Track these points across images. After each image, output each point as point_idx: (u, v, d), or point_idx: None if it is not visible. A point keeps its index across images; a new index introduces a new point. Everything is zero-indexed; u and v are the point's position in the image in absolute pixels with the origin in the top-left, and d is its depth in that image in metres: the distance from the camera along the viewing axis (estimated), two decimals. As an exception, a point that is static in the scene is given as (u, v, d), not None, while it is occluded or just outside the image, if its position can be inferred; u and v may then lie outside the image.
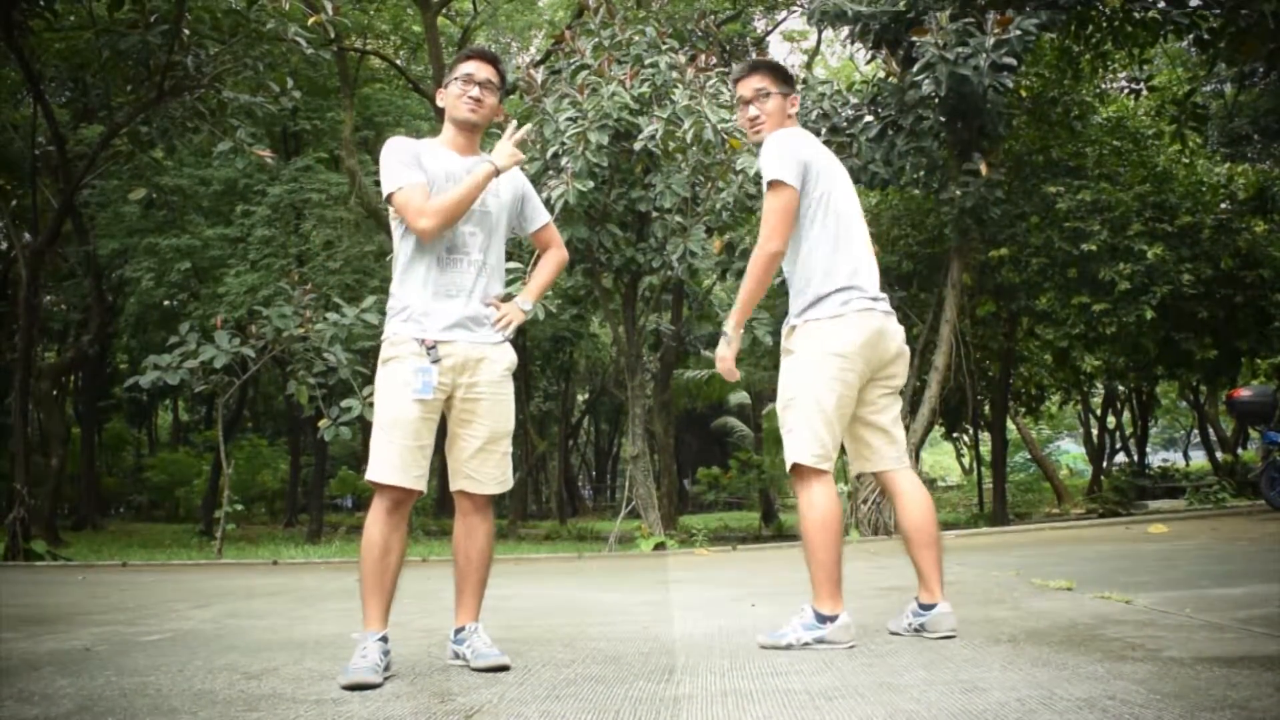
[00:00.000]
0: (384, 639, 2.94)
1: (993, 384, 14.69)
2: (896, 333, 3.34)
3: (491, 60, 3.20)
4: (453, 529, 3.21)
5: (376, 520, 2.99)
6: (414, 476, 3.00)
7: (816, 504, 3.17)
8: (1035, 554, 6.59)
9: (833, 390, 3.20)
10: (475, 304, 3.11)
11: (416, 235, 3.03)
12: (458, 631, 3.11)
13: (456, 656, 3.10)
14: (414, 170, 3.05)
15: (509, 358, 3.19)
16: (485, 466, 3.12)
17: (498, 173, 3.07)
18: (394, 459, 2.98)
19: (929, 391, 10.59)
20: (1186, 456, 34.98)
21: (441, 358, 3.02)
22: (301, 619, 4.51)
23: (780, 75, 3.46)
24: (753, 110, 3.40)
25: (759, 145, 3.39)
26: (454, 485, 3.13)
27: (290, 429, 22.49)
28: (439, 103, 3.24)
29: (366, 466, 3.05)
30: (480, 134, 3.25)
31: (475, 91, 3.13)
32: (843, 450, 3.44)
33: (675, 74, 9.61)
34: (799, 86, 10.39)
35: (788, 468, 3.25)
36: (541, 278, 3.43)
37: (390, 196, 3.05)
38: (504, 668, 2.95)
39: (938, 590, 3.24)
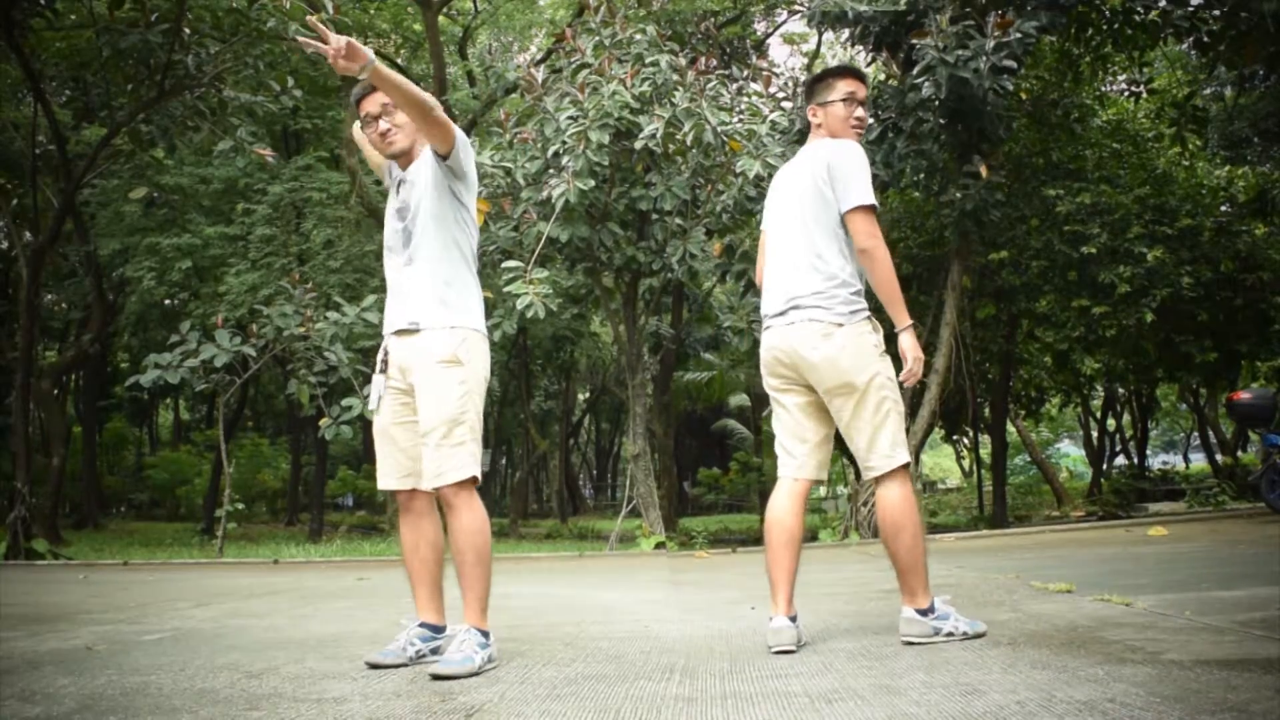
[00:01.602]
0: (425, 625, 3.20)
1: (993, 386, 14.70)
2: (804, 340, 3.26)
3: (371, 88, 3.13)
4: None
5: (400, 522, 3.27)
6: (398, 479, 3.19)
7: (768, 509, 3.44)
8: (1035, 556, 6.59)
9: (773, 408, 3.50)
10: (412, 302, 3.14)
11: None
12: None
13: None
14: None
15: (442, 350, 3.07)
16: (424, 460, 3.07)
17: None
18: (380, 467, 3.23)
19: (929, 394, 10.59)
20: (1186, 459, 34.96)
21: (389, 365, 3.19)
22: (303, 618, 4.51)
23: (805, 93, 3.61)
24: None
25: None
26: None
27: (291, 428, 22.49)
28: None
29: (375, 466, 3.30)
30: (411, 151, 3.25)
31: (382, 125, 3.18)
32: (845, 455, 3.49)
33: (676, 76, 9.62)
34: (798, 89, 10.46)
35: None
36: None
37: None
38: (447, 678, 2.85)
39: (919, 594, 3.21)
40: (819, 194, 3.30)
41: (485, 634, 3.03)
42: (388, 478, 3.20)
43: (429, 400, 3.03)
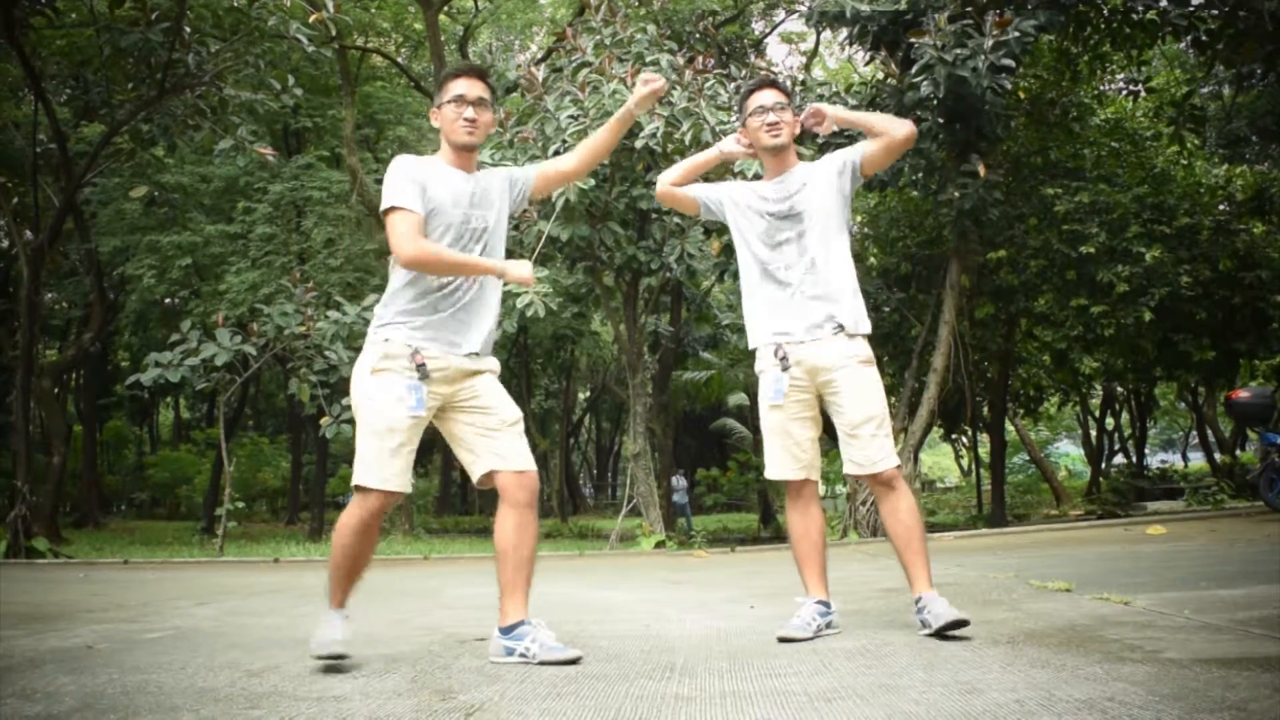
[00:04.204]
0: (346, 615, 3.12)
1: (991, 385, 14.71)
2: None
3: (480, 75, 3.23)
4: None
5: (360, 522, 3.06)
6: (407, 480, 3.11)
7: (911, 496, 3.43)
8: (1034, 555, 6.60)
9: None
10: (486, 328, 3.19)
11: (394, 257, 3.05)
12: (521, 624, 3.08)
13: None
14: (417, 195, 3.06)
15: (495, 366, 3.25)
16: (504, 443, 3.13)
17: (501, 275, 3.12)
18: (389, 465, 3.04)
19: (928, 393, 10.60)
20: (1185, 458, 34.98)
21: (430, 373, 3.05)
22: (303, 616, 4.51)
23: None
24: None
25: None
26: (483, 469, 3.11)
27: (291, 427, 22.50)
28: (433, 123, 3.27)
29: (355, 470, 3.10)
30: (478, 150, 3.31)
31: (469, 112, 3.16)
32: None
33: (675, 75, 9.63)
34: (798, 89, 10.47)
35: (889, 469, 3.34)
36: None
37: (388, 211, 3.05)
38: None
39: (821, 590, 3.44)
40: None
41: None
42: (399, 477, 3.09)
43: (503, 398, 3.18)
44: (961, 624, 3.10)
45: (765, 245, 3.43)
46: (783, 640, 3.24)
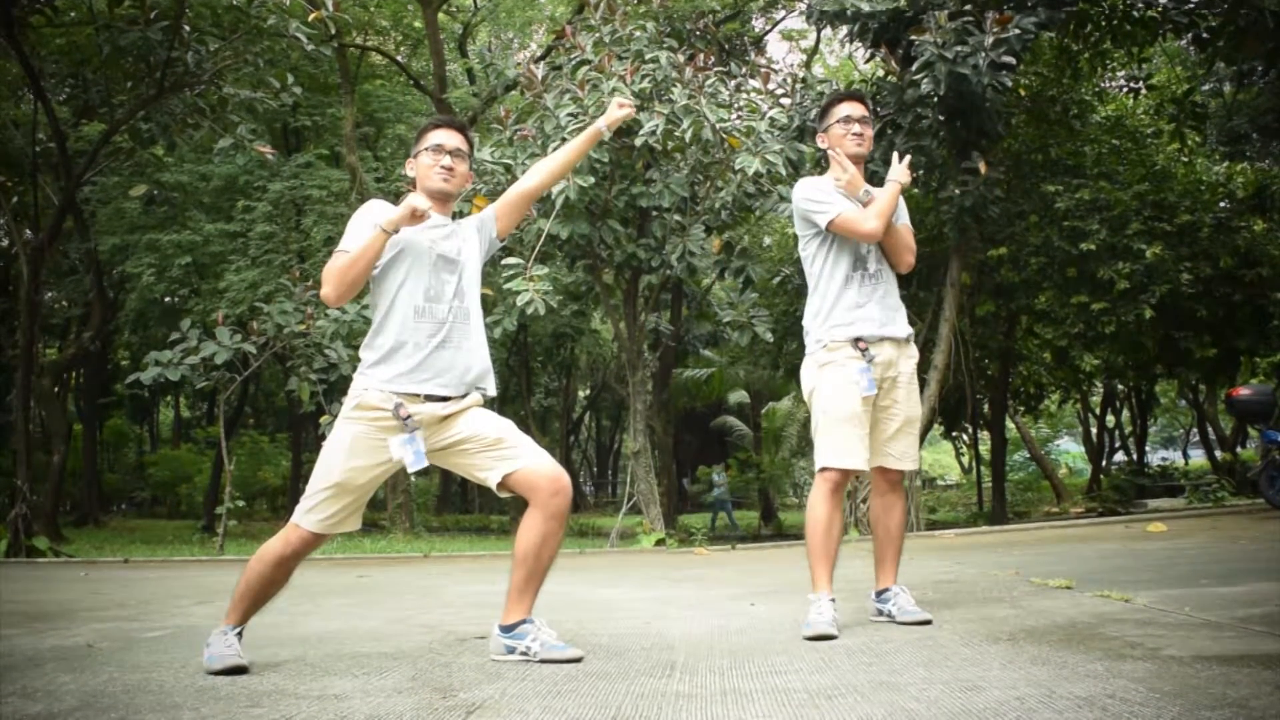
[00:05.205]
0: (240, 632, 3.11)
1: (992, 383, 14.71)
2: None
3: (460, 128, 3.26)
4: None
5: (282, 555, 3.06)
6: (339, 527, 3.11)
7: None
8: (1034, 553, 6.60)
9: None
10: (478, 366, 3.15)
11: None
12: (523, 622, 3.09)
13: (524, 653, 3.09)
14: (362, 240, 3.04)
15: (478, 399, 3.17)
16: (511, 446, 3.07)
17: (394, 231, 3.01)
18: (323, 510, 3.05)
19: (928, 390, 10.59)
20: (1186, 455, 34.94)
21: (418, 426, 3.01)
22: (304, 614, 4.52)
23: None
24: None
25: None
26: (499, 475, 3.04)
27: (291, 425, 22.50)
28: (408, 173, 3.27)
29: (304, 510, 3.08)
30: (454, 200, 3.28)
31: (446, 160, 3.16)
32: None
33: (675, 73, 9.62)
34: (799, 85, 10.45)
35: (914, 469, 3.77)
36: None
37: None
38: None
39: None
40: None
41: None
42: (342, 526, 3.11)
43: (488, 420, 3.12)
44: (926, 623, 3.42)
45: (854, 254, 3.65)
46: (815, 639, 3.24)
